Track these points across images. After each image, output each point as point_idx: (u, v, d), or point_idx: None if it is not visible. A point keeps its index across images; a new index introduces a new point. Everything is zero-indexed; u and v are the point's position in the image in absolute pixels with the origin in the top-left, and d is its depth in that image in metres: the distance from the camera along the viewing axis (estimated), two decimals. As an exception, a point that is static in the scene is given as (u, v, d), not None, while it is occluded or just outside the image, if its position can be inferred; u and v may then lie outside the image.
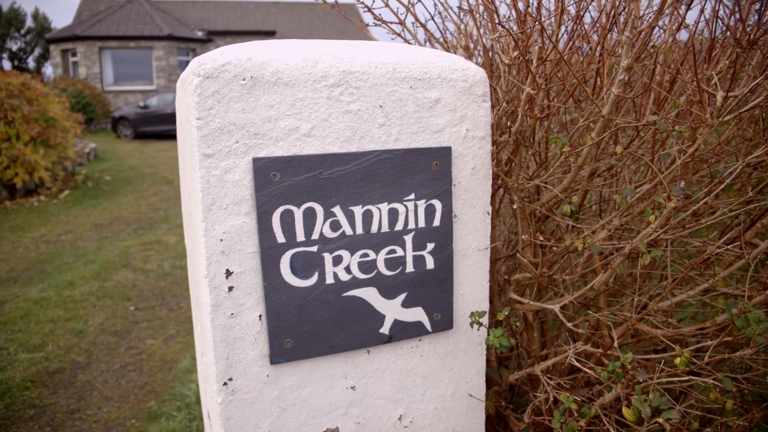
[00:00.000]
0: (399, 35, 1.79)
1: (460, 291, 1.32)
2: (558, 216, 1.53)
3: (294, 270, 1.13)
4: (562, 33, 1.44)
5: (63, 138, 8.92)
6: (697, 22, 1.45)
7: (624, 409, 1.05)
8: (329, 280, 1.16)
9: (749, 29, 1.29)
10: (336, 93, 1.11)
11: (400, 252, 1.21)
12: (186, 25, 25.56)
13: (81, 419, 2.99)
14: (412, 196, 1.20)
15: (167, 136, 17.85)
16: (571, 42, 1.36)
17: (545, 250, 1.57)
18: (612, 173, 1.70)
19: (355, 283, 1.19)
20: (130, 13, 24.15)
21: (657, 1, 1.41)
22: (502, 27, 1.31)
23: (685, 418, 1.12)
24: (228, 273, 1.09)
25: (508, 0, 1.54)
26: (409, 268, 1.23)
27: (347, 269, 1.18)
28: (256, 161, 1.07)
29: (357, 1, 1.70)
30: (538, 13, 1.34)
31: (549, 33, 1.36)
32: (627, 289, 1.71)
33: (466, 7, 1.71)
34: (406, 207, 1.20)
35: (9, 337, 3.95)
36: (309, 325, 1.16)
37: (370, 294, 1.21)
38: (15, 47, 36.88)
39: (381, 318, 1.23)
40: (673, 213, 1.12)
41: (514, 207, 1.48)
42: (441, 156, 1.22)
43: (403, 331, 1.26)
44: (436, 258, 1.25)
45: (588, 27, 1.60)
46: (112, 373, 3.47)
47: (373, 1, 1.66)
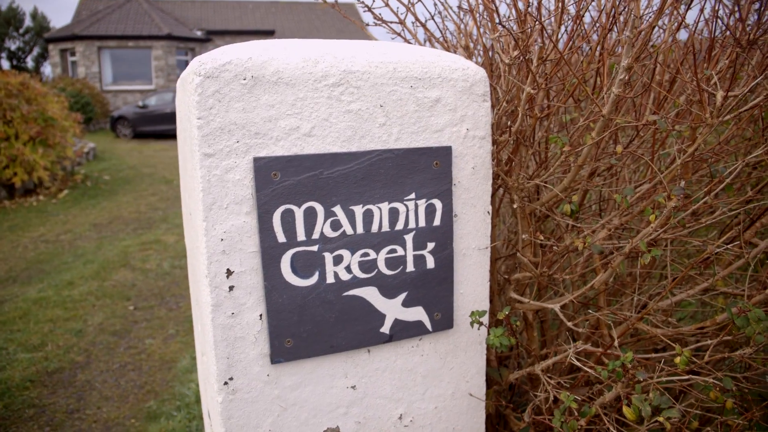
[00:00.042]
0: (399, 35, 1.79)
1: (460, 290, 1.32)
2: (558, 215, 1.53)
3: (295, 269, 1.13)
4: (561, 33, 1.44)
5: (62, 137, 8.92)
6: (697, 21, 1.46)
7: (624, 408, 1.06)
8: (330, 279, 1.16)
9: (749, 29, 1.29)
10: (336, 92, 1.11)
11: (400, 251, 1.21)
12: (185, 25, 25.54)
13: (80, 419, 2.99)
14: (412, 195, 1.20)
15: (166, 135, 17.84)
16: (571, 42, 1.36)
17: (545, 249, 1.58)
18: (612, 173, 1.70)
19: (356, 283, 1.19)
20: (128, 13, 24.13)
21: (657, 1, 1.42)
22: (502, 26, 1.31)
23: (685, 417, 1.12)
24: (229, 272, 1.09)
25: (508, 0, 1.54)
26: (410, 267, 1.23)
27: (348, 269, 1.18)
28: (256, 161, 1.07)
29: (357, 1, 1.70)
30: (538, 13, 1.34)
31: (549, 33, 1.36)
32: (627, 289, 1.71)
33: (466, 7, 1.71)
34: (406, 206, 1.20)
35: (8, 337, 3.95)
36: (309, 325, 1.17)
37: (370, 293, 1.21)
38: (14, 47, 36.84)
39: (381, 317, 1.23)
40: (673, 212, 1.12)
41: (514, 206, 1.49)
42: (441, 155, 1.22)
43: (404, 331, 1.26)
44: (436, 257, 1.25)
45: (588, 27, 1.60)
46: (111, 373, 3.47)
47: (374, 1, 1.66)
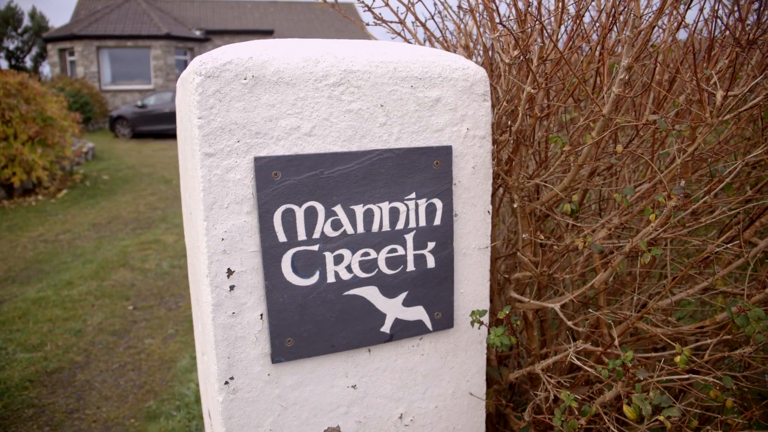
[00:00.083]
0: (399, 34, 1.79)
1: (460, 290, 1.32)
2: (558, 215, 1.53)
3: (295, 269, 1.13)
4: (561, 33, 1.44)
5: (61, 137, 8.91)
6: (697, 21, 1.46)
7: (625, 407, 1.06)
8: (330, 279, 1.17)
9: (748, 29, 1.30)
10: (337, 92, 1.11)
11: (401, 251, 1.22)
12: (184, 24, 25.52)
13: (80, 419, 2.98)
14: (413, 195, 1.20)
15: (165, 135, 17.83)
16: (571, 42, 1.36)
17: (545, 248, 1.58)
18: (611, 172, 1.70)
19: (356, 282, 1.19)
20: (127, 13, 24.10)
21: (657, 1, 1.42)
22: (502, 26, 1.31)
23: (685, 416, 1.12)
24: (229, 272, 1.10)
25: (508, 0, 1.55)
26: (410, 267, 1.23)
27: (348, 268, 1.18)
28: (257, 160, 1.07)
29: (357, 1, 1.70)
30: (538, 13, 1.34)
31: (549, 32, 1.36)
32: (627, 288, 1.72)
33: (466, 7, 1.71)
34: (407, 206, 1.20)
35: (7, 337, 3.94)
36: (310, 324, 1.17)
37: (371, 293, 1.21)
38: (12, 46, 36.78)
39: (382, 317, 1.23)
40: (674, 212, 1.13)
41: (514, 206, 1.49)
42: (442, 155, 1.22)
43: (404, 330, 1.26)
44: (436, 257, 1.25)
45: (588, 26, 1.60)
46: (110, 373, 3.47)
47: (374, 1, 1.67)
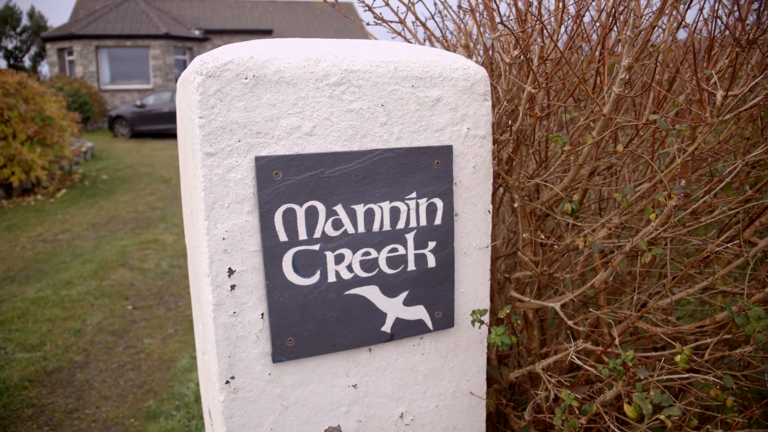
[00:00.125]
0: (399, 34, 1.79)
1: (461, 289, 1.32)
2: (558, 214, 1.53)
3: (296, 268, 1.13)
4: (561, 33, 1.44)
5: (60, 137, 8.90)
6: (696, 21, 1.46)
7: (626, 406, 1.06)
8: (331, 278, 1.17)
9: (748, 28, 1.30)
10: (338, 92, 1.12)
11: (401, 250, 1.22)
12: (183, 24, 25.50)
13: (79, 418, 2.98)
14: (413, 194, 1.21)
15: (164, 134, 17.81)
16: (572, 41, 1.37)
17: (545, 248, 1.58)
18: (611, 172, 1.71)
19: (357, 282, 1.19)
20: (126, 12, 24.08)
21: (656, 1, 1.42)
22: (503, 26, 1.31)
23: (686, 415, 1.12)
24: (230, 271, 1.10)
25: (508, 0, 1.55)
26: (411, 266, 1.24)
27: (349, 268, 1.18)
28: (258, 160, 1.07)
29: (357, 0, 1.70)
30: (538, 12, 1.34)
31: (550, 32, 1.36)
32: (626, 287, 1.72)
33: (466, 6, 1.71)
34: (407, 205, 1.21)
35: (7, 337, 3.94)
36: (311, 324, 1.17)
37: (371, 292, 1.21)
38: (11, 46, 36.74)
39: (383, 316, 1.23)
40: (674, 211, 1.13)
41: (514, 205, 1.49)
42: (442, 155, 1.22)
43: (405, 330, 1.26)
44: (437, 256, 1.26)
45: (588, 26, 1.61)
46: (110, 373, 3.47)
47: (374, 0, 1.67)
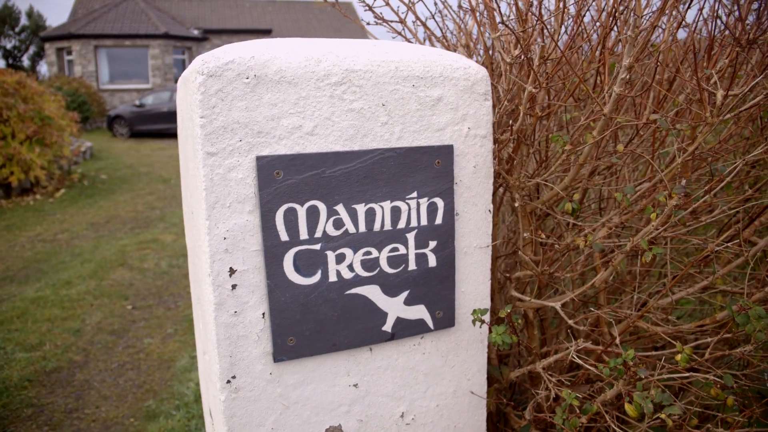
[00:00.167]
0: (399, 34, 1.79)
1: (461, 289, 1.32)
2: (558, 214, 1.53)
3: (297, 268, 1.13)
4: (562, 33, 1.44)
5: (59, 137, 8.90)
6: (696, 21, 1.46)
7: (626, 405, 1.06)
8: (332, 278, 1.17)
9: (748, 28, 1.30)
10: (339, 91, 1.12)
11: (402, 250, 1.22)
12: (182, 24, 25.48)
13: (79, 418, 2.98)
14: (414, 194, 1.21)
15: (163, 134, 17.80)
16: (572, 41, 1.37)
17: (546, 247, 1.58)
18: (612, 171, 1.71)
19: (358, 281, 1.19)
20: (125, 12, 24.06)
21: (657, 1, 1.42)
22: (504, 25, 1.31)
23: (686, 414, 1.13)
24: (231, 271, 1.10)
25: (508, -1, 1.55)
26: (412, 266, 1.24)
27: (350, 267, 1.18)
28: (259, 159, 1.07)
29: (358, 0, 1.70)
30: (539, 12, 1.34)
31: (550, 31, 1.37)
32: (627, 287, 1.72)
33: (466, 6, 1.71)
34: (408, 205, 1.21)
35: (6, 337, 3.94)
36: (312, 323, 1.17)
37: (372, 292, 1.21)
38: (9, 45, 36.71)
39: (383, 316, 1.23)
40: (674, 211, 1.13)
41: (515, 205, 1.49)
42: (443, 154, 1.22)
43: (406, 329, 1.26)
44: (438, 256, 1.26)
45: (588, 26, 1.61)
46: (110, 372, 3.47)
47: (374, 0, 1.67)
